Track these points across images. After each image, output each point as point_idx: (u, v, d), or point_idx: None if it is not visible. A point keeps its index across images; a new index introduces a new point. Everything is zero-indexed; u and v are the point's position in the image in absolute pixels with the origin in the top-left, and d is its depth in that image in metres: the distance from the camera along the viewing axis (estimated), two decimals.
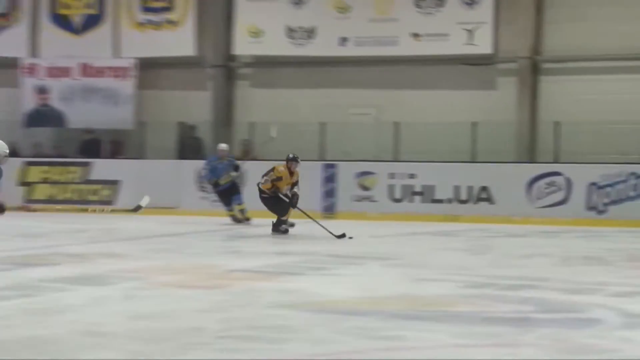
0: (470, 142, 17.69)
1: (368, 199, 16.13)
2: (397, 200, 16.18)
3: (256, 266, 9.13)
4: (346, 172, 16.71)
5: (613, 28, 17.91)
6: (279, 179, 12.35)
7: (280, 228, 12.75)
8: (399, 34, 17.95)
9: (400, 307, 6.62)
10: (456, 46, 18.61)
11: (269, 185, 12.36)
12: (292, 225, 13.34)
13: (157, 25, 19.40)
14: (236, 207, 14.71)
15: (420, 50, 18.74)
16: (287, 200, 12.40)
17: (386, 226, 12.99)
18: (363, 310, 6.46)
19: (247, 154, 17.31)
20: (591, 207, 15.75)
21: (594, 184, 15.81)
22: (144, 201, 15.17)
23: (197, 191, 17.65)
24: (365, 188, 16.35)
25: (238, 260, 9.71)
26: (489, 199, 16.17)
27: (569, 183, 16.01)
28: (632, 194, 14.92)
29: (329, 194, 16.34)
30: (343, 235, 11.76)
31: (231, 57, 19.06)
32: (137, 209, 15.25)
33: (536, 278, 8.70)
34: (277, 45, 18.52)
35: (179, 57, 19.17)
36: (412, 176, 16.25)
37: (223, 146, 15.35)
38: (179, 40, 19.20)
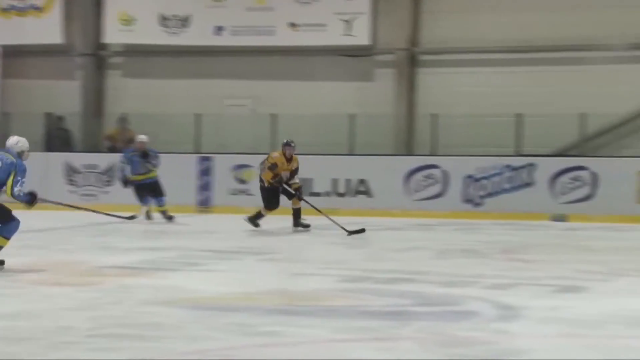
0: (348, 134, 17.76)
1: (245, 192, 15.98)
2: None
3: (128, 262, 8.97)
4: (222, 165, 16.63)
5: (490, 20, 18.24)
6: (274, 165, 12.10)
7: (255, 221, 12.51)
8: (276, 23, 18.02)
9: (277, 303, 6.63)
10: (334, 37, 18.66)
11: (269, 174, 12.09)
12: (308, 226, 13.03)
13: (21, 11, 18.99)
14: (156, 208, 14.15)
15: (298, 41, 18.85)
16: (293, 193, 12.19)
17: (263, 220, 12.97)
18: (239, 306, 6.47)
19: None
20: (467, 200, 15.99)
21: (470, 176, 16.04)
22: None
23: (65, 184, 17.22)
24: (242, 181, 16.23)
25: (109, 257, 9.52)
26: (367, 192, 16.27)
27: (445, 176, 16.21)
28: (507, 186, 15.13)
29: (205, 187, 16.16)
30: (361, 231, 11.65)
31: (101, 46, 18.78)
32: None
33: (413, 271, 8.76)
34: (150, 34, 18.34)
35: (45, 44, 18.85)
36: None
37: (142, 137, 14.50)
38: (45, 27, 18.83)
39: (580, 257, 10.56)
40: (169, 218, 13.87)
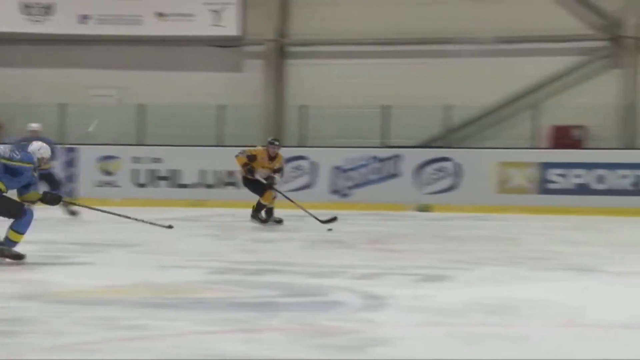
0: (217, 125, 17.81)
1: (111, 184, 15.91)
2: (142, 185, 16.09)
3: None
4: (87, 156, 16.41)
5: (358, 13, 18.43)
6: (253, 157, 11.79)
7: (259, 215, 12.26)
8: (143, 13, 17.92)
9: (143, 296, 6.60)
10: (202, 27, 18.74)
11: (243, 159, 11.78)
12: (280, 221, 12.71)
13: None
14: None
15: (166, 31, 18.81)
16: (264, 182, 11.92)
17: (131, 212, 12.84)
18: (105, 300, 6.43)
19: None
20: (335, 191, 16.18)
21: (338, 167, 16.24)
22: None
23: None
24: (108, 173, 16.11)
25: None
26: (235, 184, 16.22)
27: (314, 167, 16.38)
28: (373, 177, 15.42)
29: (69, 179, 15.95)
30: (333, 219, 11.53)
31: None
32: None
33: (282, 262, 8.86)
34: (11, 21, 18.04)
35: None
36: (157, 160, 16.18)
37: (34, 126, 13.38)
38: None
39: (444, 246, 10.83)
40: (72, 213, 13.46)
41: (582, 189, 14.98)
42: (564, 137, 16.39)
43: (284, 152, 17.72)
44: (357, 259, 9.50)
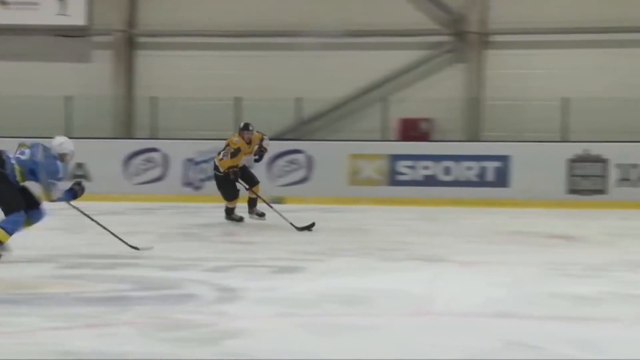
0: (65, 117, 17.43)
1: None
2: None
3: None
4: None
5: (209, 3, 18.39)
6: (238, 150, 11.24)
7: (233, 215, 11.82)
8: None
9: None
10: (47, 16, 18.27)
11: (228, 162, 11.18)
12: (262, 215, 12.12)
13: None
14: None
15: (9, 19, 18.25)
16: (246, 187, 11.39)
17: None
18: None
19: None
20: (188, 183, 16.17)
21: (190, 160, 16.23)
22: None
23: None
24: None
25: None
26: (85, 176, 15.96)
27: (165, 159, 16.30)
28: None
29: None
30: (311, 226, 10.90)
31: None
32: None
33: (134, 256, 8.80)
34: None
35: None
36: None
37: None
38: None
39: (297, 238, 10.96)
40: None
41: (430, 180, 15.35)
42: (412, 130, 16.77)
43: (135, 145, 17.47)
44: (210, 251, 9.53)
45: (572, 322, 5.85)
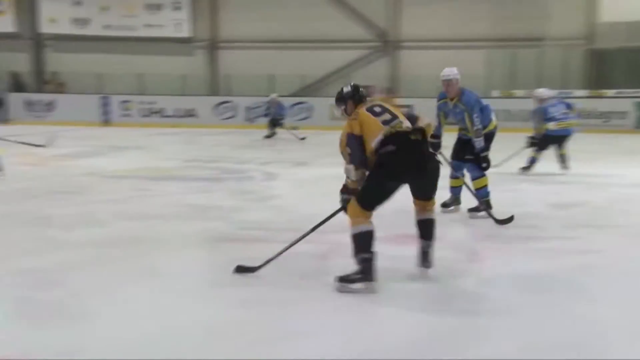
0: (180, 89, 24.76)
1: None
2: None
3: None
4: None
5: (265, 21, 25.49)
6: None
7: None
8: None
9: None
10: (170, 32, 25.89)
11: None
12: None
13: None
14: None
15: (151, 33, 25.79)
16: None
17: None
18: None
19: None
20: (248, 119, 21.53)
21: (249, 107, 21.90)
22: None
23: None
24: None
25: None
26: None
27: (234, 107, 22.40)
28: None
29: None
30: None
31: None
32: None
33: (221, 157, 11.39)
34: None
35: None
36: None
37: None
38: None
39: (306, 148, 14.26)
40: None
41: None
42: None
43: (218, 99, 23.51)
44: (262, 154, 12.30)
45: None
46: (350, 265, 5.10)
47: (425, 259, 5.50)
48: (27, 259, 5.94)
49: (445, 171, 6.10)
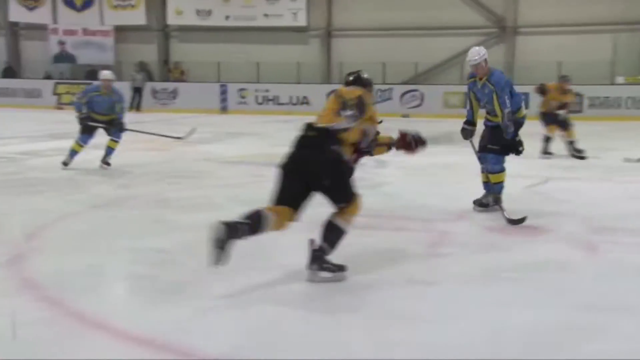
0: (296, 77, 25.50)
1: None
2: None
3: None
4: None
5: (372, 11, 25.86)
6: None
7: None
8: None
9: None
10: (288, 22, 26.73)
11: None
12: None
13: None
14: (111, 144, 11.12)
15: (271, 22, 26.56)
16: None
17: None
18: None
19: None
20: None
21: None
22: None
23: None
24: None
25: None
26: None
27: None
28: None
29: None
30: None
31: None
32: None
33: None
34: None
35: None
36: None
37: (106, 74, 10.88)
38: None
39: None
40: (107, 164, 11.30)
41: None
42: None
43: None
44: None
45: None
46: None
47: (310, 259, 5.28)
48: (147, 239, 6.36)
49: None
